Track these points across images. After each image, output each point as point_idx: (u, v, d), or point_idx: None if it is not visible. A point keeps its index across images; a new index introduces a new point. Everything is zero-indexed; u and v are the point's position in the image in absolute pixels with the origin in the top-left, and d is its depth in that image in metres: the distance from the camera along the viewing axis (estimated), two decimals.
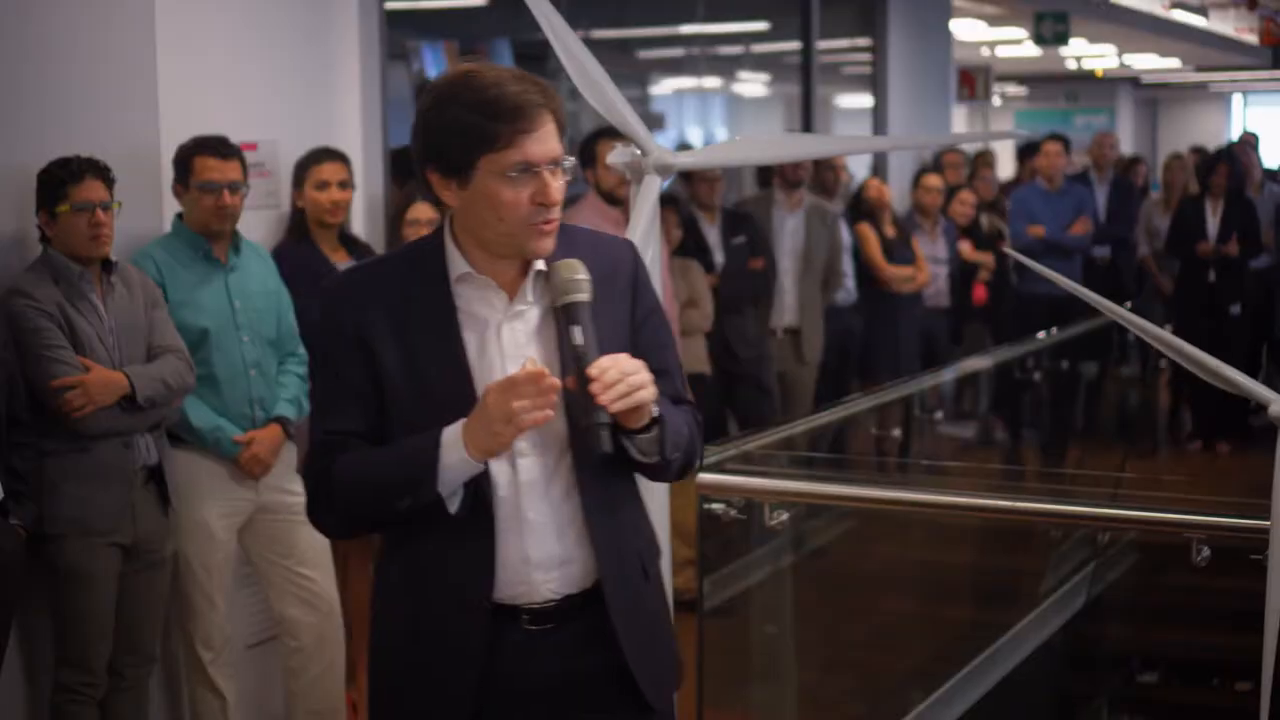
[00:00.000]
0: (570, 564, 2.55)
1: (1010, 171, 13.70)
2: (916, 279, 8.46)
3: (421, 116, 2.48)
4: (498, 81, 2.43)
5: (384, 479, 2.48)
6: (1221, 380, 3.40)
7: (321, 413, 2.60)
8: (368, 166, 5.50)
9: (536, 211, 2.45)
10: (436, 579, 2.53)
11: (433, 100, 2.46)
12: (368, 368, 2.52)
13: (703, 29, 9.72)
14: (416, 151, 2.50)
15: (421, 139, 2.49)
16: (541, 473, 2.53)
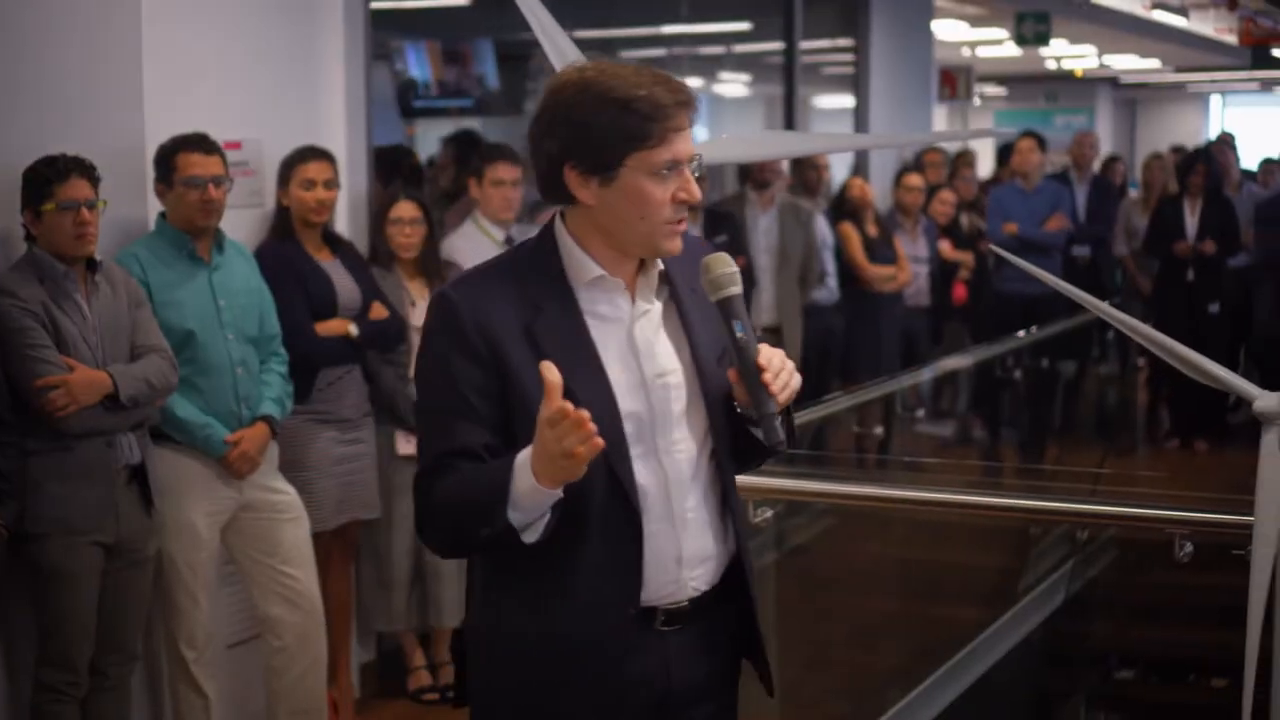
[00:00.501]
0: (710, 560, 2.55)
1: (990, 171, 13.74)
2: (898, 278, 8.49)
3: (562, 113, 2.40)
4: (647, 79, 2.40)
5: (468, 506, 2.39)
6: (1206, 376, 3.44)
7: (436, 430, 2.45)
8: (351, 165, 5.50)
9: (676, 210, 2.43)
10: (581, 588, 2.45)
11: (576, 97, 2.40)
12: (496, 379, 2.42)
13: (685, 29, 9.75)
14: (550, 149, 2.41)
15: (561, 136, 2.40)
16: (690, 467, 2.51)
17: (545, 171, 2.44)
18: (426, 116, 9.80)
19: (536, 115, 2.45)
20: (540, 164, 2.45)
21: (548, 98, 2.42)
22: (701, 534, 2.53)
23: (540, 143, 2.44)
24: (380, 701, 5.59)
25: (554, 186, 2.45)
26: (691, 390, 2.52)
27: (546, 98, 2.43)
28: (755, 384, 2.40)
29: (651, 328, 2.51)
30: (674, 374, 2.51)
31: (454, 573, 5.53)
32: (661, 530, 2.47)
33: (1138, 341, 3.59)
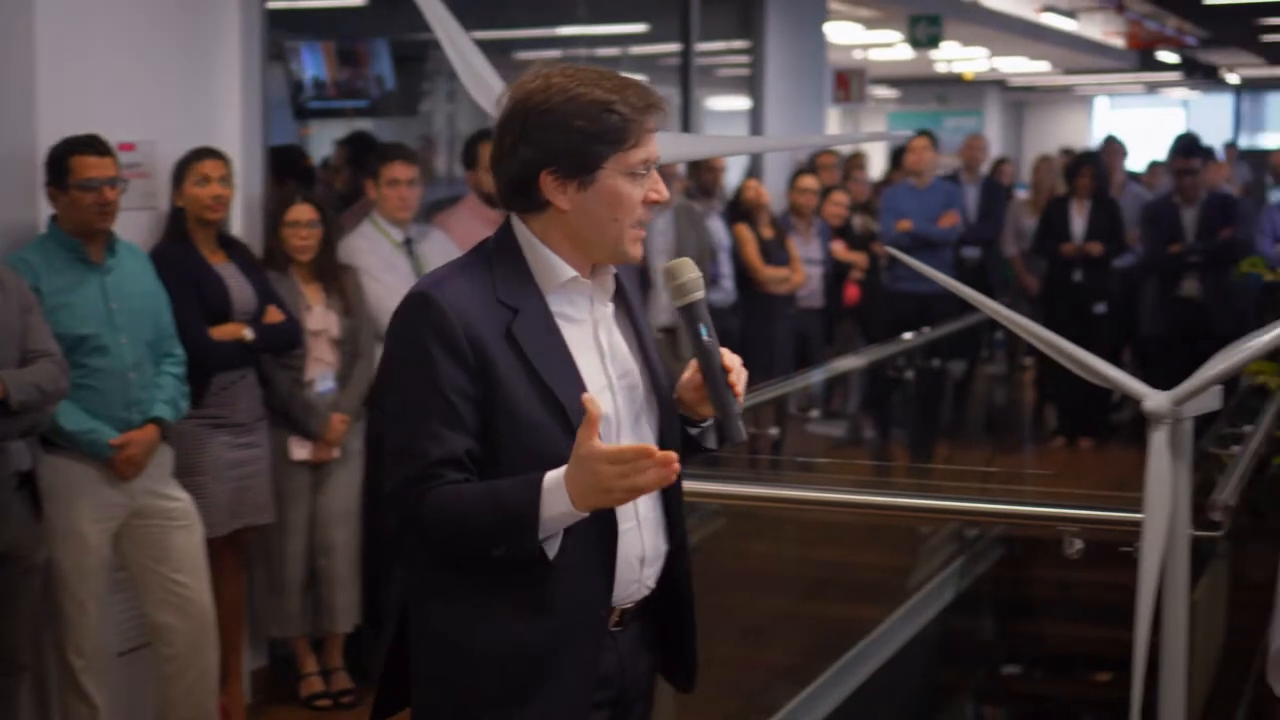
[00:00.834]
0: (659, 559, 2.57)
1: (882, 173, 13.88)
2: (792, 279, 8.56)
3: (537, 118, 2.39)
4: (617, 83, 2.42)
5: (480, 526, 2.35)
6: (1097, 376, 3.51)
7: (422, 437, 2.37)
8: (247, 167, 5.46)
9: (646, 211, 2.46)
10: (559, 592, 2.43)
11: (552, 102, 2.39)
12: (479, 383, 2.38)
13: (580, 30, 9.74)
14: (526, 155, 2.41)
15: (539, 141, 2.39)
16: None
17: (517, 178, 2.44)
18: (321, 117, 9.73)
19: (504, 124, 2.43)
20: (511, 171, 2.44)
21: (517, 105, 2.41)
22: (656, 533, 2.56)
23: (514, 150, 2.42)
24: (272, 708, 5.56)
25: (524, 193, 2.45)
26: (646, 391, 2.56)
27: (516, 105, 2.41)
28: (722, 385, 2.45)
29: (610, 330, 2.54)
30: (633, 375, 2.54)
31: (347, 577, 5.52)
32: (630, 530, 2.50)
33: (1030, 342, 3.66)
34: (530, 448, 2.38)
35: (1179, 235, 8.60)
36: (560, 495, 2.29)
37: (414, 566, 2.52)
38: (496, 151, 2.45)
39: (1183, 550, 3.43)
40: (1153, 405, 3.36)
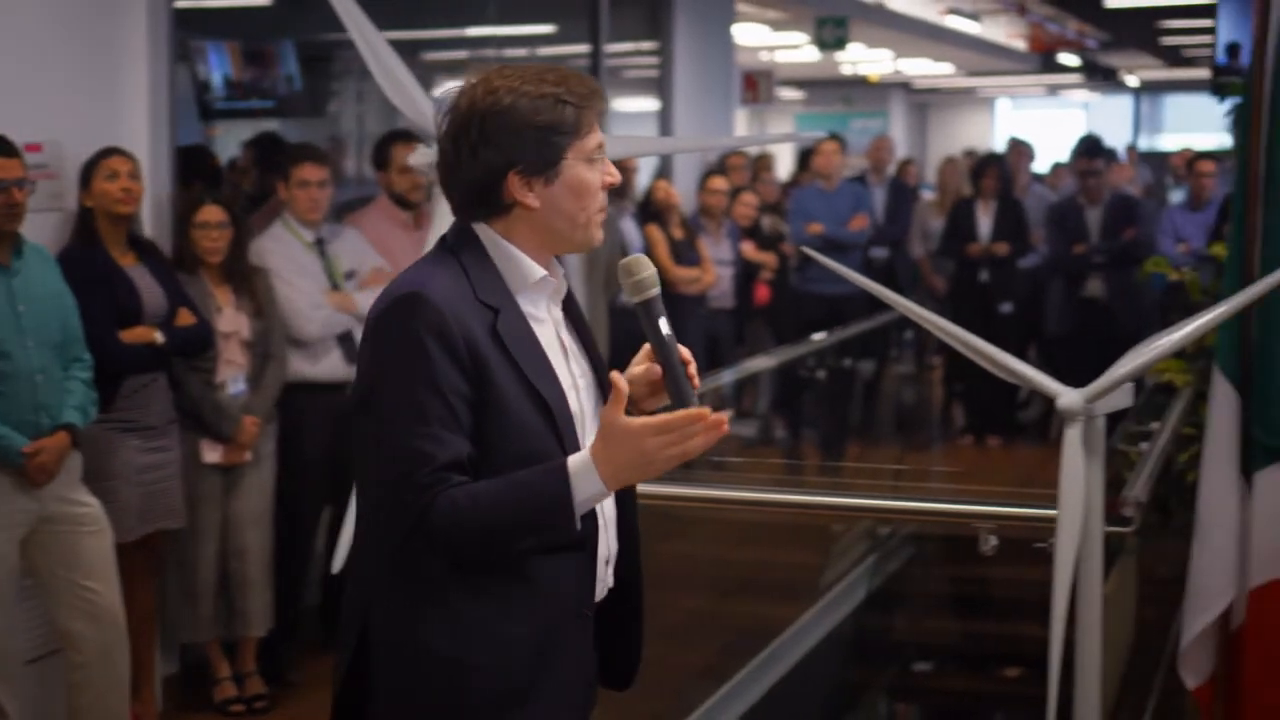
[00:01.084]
0: (614, 558, 2.59)
1: (789, 174, 13.96)
2: (702, 280, 8.59)
3: (495, 121, 2.37)
4: (556, 74, 2.42)
5: (507, 522, 2.31)
6: (1012, 375, 3.54)
7: (426, 441, 2.31)
8: (154, 168, 5.40)
9: (603, 196, 2.47)
10: (549, 593, 2.41)
11: (506, 102, 2.37)
12: (474, 383, 2.34)
13: (488, 31, 9.72)
14: (489, 159, 2.38)
15: (502, 144, 2.37)
16: None
17: (480, 184, 2.40)
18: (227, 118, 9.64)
19: (457, 133, 2.39)
20: (472, 178, 2.40)
21: (467, 112, 2.38)
22: (613, 532, 2.58)
23: (473, 156, 2.39)
24: (185, 714, 5.49)
25: (487, 199, 2.42)
26: (597, 388, 2.56)
27: (465, 113, 2.38)
28: (682, 377, 2.42)
29: (568, 330, 2.55)
30: (589, 373, 2.55)
31: (260, 581, 5.47)
32: (601, 529, 2.50)
33: (947, 342, 3.69)
34: (518, 448, 2.35)
35: (1083, 236, 8.72)
36: (589, 477, 2.28)
37: (396, 577, 2.41)
38: (450, 161, 2.42)
39: (1096, 545, 3.47)
40: (1066, 403, 3.40)
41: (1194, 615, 4.09)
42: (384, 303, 2.38)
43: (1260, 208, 4.08)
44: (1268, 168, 4.06)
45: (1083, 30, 18.79)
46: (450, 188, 2.45)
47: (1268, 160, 4.06)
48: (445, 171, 2.44)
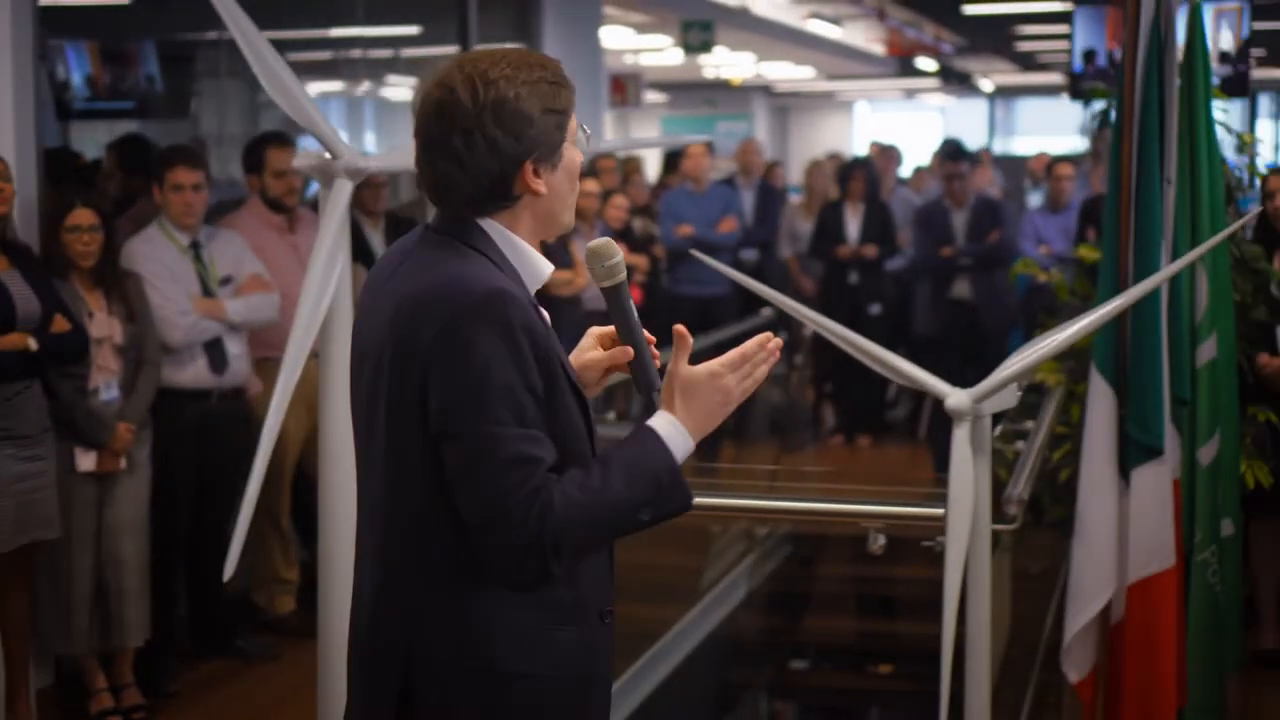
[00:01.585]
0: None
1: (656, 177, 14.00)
2: (575, 282, 8.58)
3: (508, 113, 2.27)
4: (537, 56, 2.35)
5: (622, 504, 2.26)
6: (900, 375, 3.60)
7: (529, 443, 2.21)
8: (21, 170, 5.28)
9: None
10: (590, 599, 2.38)
11: (507, 94, 2.28)
12: (547, 385, 2.26)
13: (356, 32, 9.65)
14: (508, 149, 2.28)
15: (519, 133, 2.28)
16: None
17: (497, 177, 2.30)
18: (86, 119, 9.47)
19: (472, 127, 2.27)
20: (488, 172, 2.30)
21: (474, 105, 2.26)
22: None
23: (491, 148, 2.28)
24: None
25: (501, 190, 2.32)
26: None
27: (471, 106, 2.26)
28: (649, 359, 2.45)
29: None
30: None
31: (137, 590, 5.38)
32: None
33: (838, 344, 3.74)
34: (563, 448, 2.28)
35: (950, 238, 8.86)
36: (680, 437, 2.32)
37: (453, 593, 2.30)
38: (461, 156, 2.29)
39: (985, 542, 3.53)
40: (955, 403, 3.46)
41: (1076, 611, 4.19)
42: (464, 303, 2.22)
43: (1133, 211, 4.19)
44: (1139, 172, 4.17)
45: (940, 35, 19.08)
46: (460, 183, 2.31)
47: (1139, 164, 4.17)
48: (451, 166, 2.30)
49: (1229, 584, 4.71)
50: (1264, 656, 5.75)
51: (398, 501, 2.32)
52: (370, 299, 2.39)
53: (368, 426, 2.35)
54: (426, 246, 2.36)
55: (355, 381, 2.40)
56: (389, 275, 2.37)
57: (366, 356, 2.35)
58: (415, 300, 2.26)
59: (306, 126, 3.74)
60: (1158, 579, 4.12)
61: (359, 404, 2.39)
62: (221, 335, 5.72)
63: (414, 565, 2.31)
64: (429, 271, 2.29)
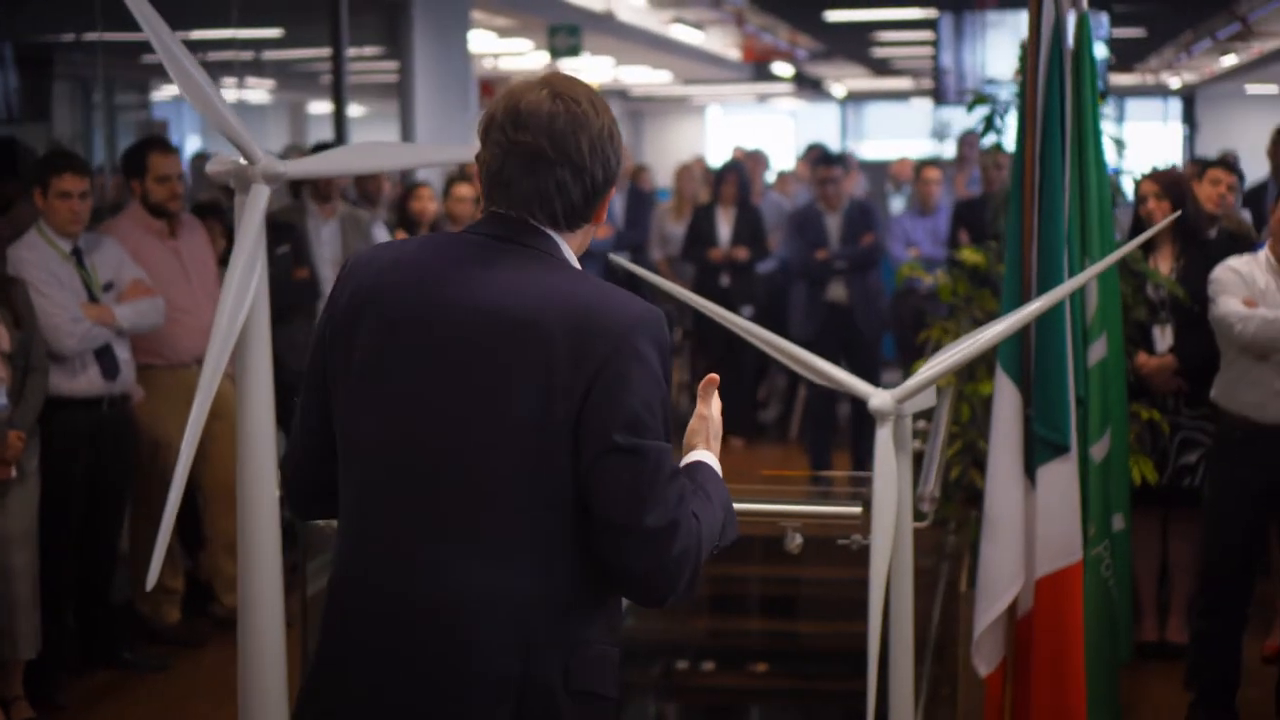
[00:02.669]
0: None
1: None
2: None
3: (607, 142, 2.34)
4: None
5: (712, 532, 2.34)
6: (822, 376, 3.65)
7: (675, 471, 2.28)
8: None
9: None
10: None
11: (607, 125, 2.35)
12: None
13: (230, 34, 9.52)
14: (603, 176, 2.34)
15: (609, 162, 2.35)
16: None
17: (592, 198, 2.36)
18: None
19: (597, 144, 2.32)
20: (595, 186, 2.35)
21: (598, 124, 2.32)
22: None
23: (607, 168, 2.35)
24: None
25: (585, 213, 2.38)
26: None
27: (597, 125, 2.32)
28: None
29: None
30: None
31: (28, 601, 5.28)
32: None
33: (759, 346, 3.78)
34: None
35: (824, 242, 8.97)
36: (715, 469, 2.50)
37: (571, 617, 2.28)
38: (577, 168, 2.31)
39: (907, 539, 3.60)
40: (878, 403, 3.52)
41: (985, 606, 4.28)
42: (633, 321, 2.25)
43: (1036, 214, 4.29)
44: (1042, 176, 4.27)
45: (794, 41, 19.31)
46: (566, 191, 2.33)
47: (1042, 169, 4.27)
48: (566, 175, 2.31)
49: (1121, 578, 4.85)
50: (1145, 649, 5.91)
51: (544, 530, 2.26)
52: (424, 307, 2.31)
53: (458, 449, 2.27)
54: (515, 252, 2.33)
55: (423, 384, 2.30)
56: (454, 279, 2.31)
57: (469, 366, 2.27)
58: (577, 315, 2.24)
59: (222, 130, 3.68)
60: (1065, 573, 4.22)
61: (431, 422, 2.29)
62: (111, 342, 5.65)
63: (545, 599, 2.27)
64: (565, 286, 2.29)
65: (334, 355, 2.39)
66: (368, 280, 2.38)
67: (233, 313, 3.62)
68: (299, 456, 2.52)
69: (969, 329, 5.86)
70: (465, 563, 2.25)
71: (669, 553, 2.20)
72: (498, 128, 2.34)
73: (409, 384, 2.31)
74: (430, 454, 2.28)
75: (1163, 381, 5.77)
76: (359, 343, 2.35)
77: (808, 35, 18.57)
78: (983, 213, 8.49)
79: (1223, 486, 5.24)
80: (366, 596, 2.32)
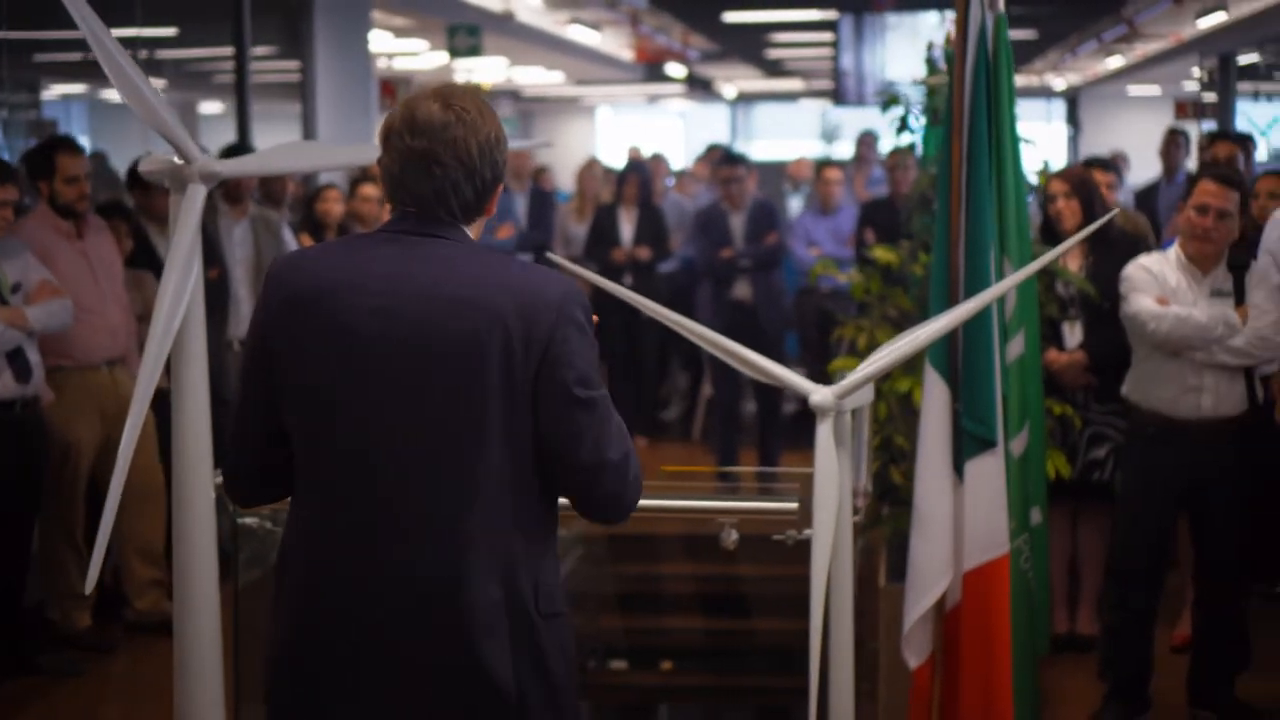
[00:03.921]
0: None
1: None
2: None
3: (496, 137, 2.65)
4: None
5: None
6: (763, 374, 3.67)
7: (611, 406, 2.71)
8: None
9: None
10: None
11: (494, 121, 2.66)
12: None
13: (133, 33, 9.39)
14: (497, 175, 2.66)
15: (503, 160, 2.68)
16: None
17: (475, 197, 2.63)
18: None
19: (483, 145, 2.61)
20: (485, 183, 2.64)
21: (491, 129, 2.63)
22: None
23: (493, 167, 2.65)
24: None
25: (481, 205, 2.67)
26: None
27: (490, 130, 2.62)
28: None
29: None
30: None
31: None
32: None
33: (701, 345, 3.81)
34: None
35: (729, 241, 9.02)
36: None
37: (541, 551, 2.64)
38: (467, 168, 2.60)
39: (847, 534, 3.64)
40: (819, 399, 3.56)
41: (915, 600, 4.34)
42: (567, 293, 2.59)
43: (963, 214, 4.35)
44: (969, 176, 4.34)
45: (688, 42, 19.40)
46: (459, 189, 2.61)
47: (969, 169, 4.34)
48: (459, 175, 2.60)
49: (1039, 570, 4.95)
50: (1056, 640, 6.00)
51: (513, 476, 2.57)
52: (375, 299, 2.56)
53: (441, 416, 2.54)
54: (435, 244, 2.62)
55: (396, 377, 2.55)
56: (395, 276, 2.57)
57: (433, 353, 2.54)
58: (519, 294, 2.56)
59: (158, 130, 3.64)
60: (992, 565, 4.28)
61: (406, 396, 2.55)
62: (23, 344, 5.57)
63: (517, 534, 2.59)
64: (503, 270, 2.62)
65: (279, 358, 2.62)
66: (304, 284, 2.61)
67: (169, 313, 3.58)
68: (248, 447, 2.73)
69: (883, 327, 5.95)
70: (456, 510, 2.55)
71: (627, 476, 2.62)
72: (396, 134, 2.62)
73: (383, 369, 2.56)
74: (413, 425, 2.55)
75: (1072, 377, 5.89)
76: (311, 344, 2.59)
77: (702, 36, 18.66)
78: (889, 213, 8.60)
79: (1135, 481, 5.35)
80: (354, 552, 2.58)
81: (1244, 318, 5.09)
